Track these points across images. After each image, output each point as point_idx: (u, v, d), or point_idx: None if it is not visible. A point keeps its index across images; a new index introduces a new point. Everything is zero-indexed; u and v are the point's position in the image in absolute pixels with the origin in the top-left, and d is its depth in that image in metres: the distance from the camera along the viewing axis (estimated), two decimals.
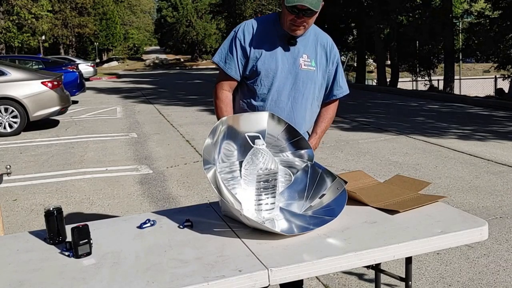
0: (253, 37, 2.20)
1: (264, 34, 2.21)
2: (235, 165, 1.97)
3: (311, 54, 2.25)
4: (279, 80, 2.21)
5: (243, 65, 2.23)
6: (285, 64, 2.21)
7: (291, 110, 2.25)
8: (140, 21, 64.76)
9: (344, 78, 2.41)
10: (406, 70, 24.74)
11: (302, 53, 2.22)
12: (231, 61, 2.23)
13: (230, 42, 2.24)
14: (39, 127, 9.50)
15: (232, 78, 2.25)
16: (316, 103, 2.34)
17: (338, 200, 1.85)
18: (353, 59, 32.45)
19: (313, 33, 2.28)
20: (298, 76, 2.23)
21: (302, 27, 2.15)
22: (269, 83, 2.21)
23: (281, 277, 1.47)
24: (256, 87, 2.23)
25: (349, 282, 3.02)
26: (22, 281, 1.45)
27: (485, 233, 1.76)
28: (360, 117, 9.97)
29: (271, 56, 2.20)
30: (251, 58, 2.20)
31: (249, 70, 2.22)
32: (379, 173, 5.43)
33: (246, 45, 2.20)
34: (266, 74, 2.20)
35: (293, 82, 2.23)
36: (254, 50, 2.20)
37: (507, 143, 7.03)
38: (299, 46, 2.23)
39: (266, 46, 2.20)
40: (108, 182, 5.52)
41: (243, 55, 2.21)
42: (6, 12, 28.84)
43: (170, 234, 1.78)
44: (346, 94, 2.40)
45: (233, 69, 2.23)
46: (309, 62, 2.23)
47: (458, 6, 25.82)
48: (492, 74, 21.99)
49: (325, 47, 2.31)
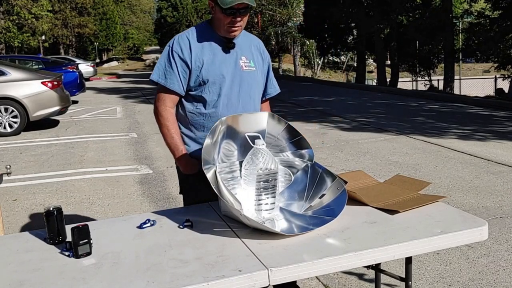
0: (191, 48, 2.17)
1: (201, 42, 2.19)
2: (235, 165, 1.97)
3: (249, 55, 2.27)
4: (226, 84, 2.19)
5: (186, 78, 2.18)
6: (229, 68, 2.20)
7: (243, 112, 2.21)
8: (140, 21, 64.74)
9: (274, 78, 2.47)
10: (406, 70, 24.75)
11: (240, 55, 2.24)
12: (172, 75, 2.16)
13: (167, 57, 2.19)
14: (39, 127, 9.50)
15: (175, 93, 2.19)
16: (259, 102, 2.37)
17: (338, 200, 1.85)
18: (353, 59, 32.48)
19: (243, 36, 2.29)
20: (243, 78, 2.23)
21: (240, 28, 2.16)
22: (218, 89, 2.18)
23: (281, 277, 1.47)
24: (205, 95, 2.19)
25: (349, 282, 3.02)
26: (22, 281, 1.45)
27: (485, 233, 1.76)
28: (360, 117, 9.97)
29: (213, 63, 2.17)
30: (193, 68, 2.16)
31: (194, 80, 2.18)
32: (379, 173, 5.43)
33: (185, 56, 2.16)
34: (213, 81, 2.17)
35: (239, 84, 2.22)
36: (195, 60, 2.16)
37: (507, 143, 7.03)
38: (236, 49, 2.23)
39: (207, 54, 2.17)
40: (108, 182, 5.52)
41: (184, 67, 2.17)
42: (6, 12, 28.85)
43: (170, 234, 1.78)
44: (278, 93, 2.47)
45: (175, 83, 2.17)
46: (248, 63, 2.25)
47: (458, 6, 25.80)
48: (492, 74, 21.99)
49: (258, 48, 2.35)
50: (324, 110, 11.37)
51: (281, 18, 32.72)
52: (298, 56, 33.32)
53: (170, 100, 2.20)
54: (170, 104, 2.21)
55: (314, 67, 36.86)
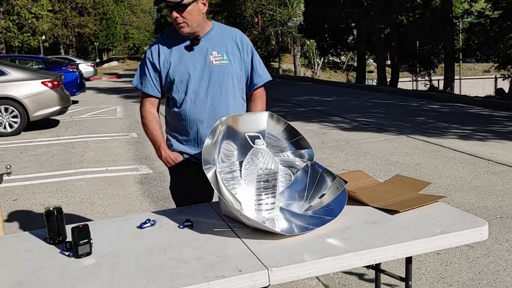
0: (159, 52, 2.30)
1: (169, 45, 2.31)
2: (235, 165, 1.97)
3: (221, 49, 2.32)
4: (193, 81, 2.28)
5: (158, 80, 2.33)
6: (197, 65, 2.28)
7: (212, 106, 2.29)
8: (140, 21, 64.69)
9: (263, 66, 2.45)
10: (406, 70, 24.75)
11: (211, 51, 2.30)
12: (145, 80, 2.34)
13: (142, 63, 2.37)
14: (39, 127, 9.50)
15: (151, 96, 2.36)
16: (239, 94, 2.38)
17: (338, 200, 1.85)
18: (353, 59, 32.48)
19: (218, 30, 2.36)
20: (212, 73, 2.29)
21: (184, 24, 2.22)
22: (184, 87, 2.29)
23: (281, 277, 1.47)
24: (175, 94, 2.31)
25: (349, 282, 3.02)
26: (22, 281, 1.45)
27: (485, 233, 1.76)
28: (360, 117, 9.97)
29: (180, 62, 2.28)
30: (162, 71, 2.30)
31: (164, 82, 2.33)
32: (379, 173, 5.43)
33: (155, 61, 2.31)
34: (179, 80, 2.28)
35: (208, 79, 2.29)
36: (164, 62, 2.30)
37: (507, 143, 7.03)
38: (206, 45, 2.30)
39: (173, 55, 2.30)
40: (108, 182, 5.52)
41: (154, 70, 2.32)
42: (6, 12, 28.85)
43: (170, 234, 1.78)
44: (268, 81, 2.44)
45: (149, 87, 2.34)
46: (220, 56, 2.30)
47: (458, 6, 25.79)
48: (492, 74, 22.00)
49: (234, 39, 2.36)
50: (324, 110, 11.37)
51: (281, 18, 32.72)
52: (298, 56, 33.32)
53: (148, 102, 2.38)
54: (149, 106, 2.39)
55: (314, 67, 36.87)
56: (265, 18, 34.30)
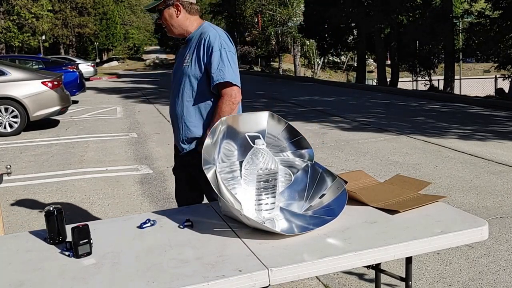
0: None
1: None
2: (235, 165, 1.97)
3: (190, 51, 2.40)
4: (173, 82, 2.49)
5: None
6: (179, 66, 2.46)
7: (172, 106, 2.47)
8: (140, 21, 64.75)
9: (224, 67, 2.29)
10: (406, 70, 24.73)
11: (187, 53, 2.41)
12: None
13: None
14: (39, 127, 9.49)
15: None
16: (197, 96, 2.38)
17: (338, 200, 1.85)
18: (353, 59, 32.46)
19: (199, 32, 2.42)
20: (179, 74, 2.45)
21: (166, 28, 2.44)
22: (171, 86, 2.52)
23: (281, 277, 1.47)
24: None
25: (349, 282, 3.02)
26: (22, 281, 1.45)
27: (485, 233, 1.76)
28: (360, 117, 9.97)
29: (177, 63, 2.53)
30: None
31: None
32: (379, 173, 5.43)
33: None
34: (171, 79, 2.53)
35: (175, 80, 2.48)
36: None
37: (507, 143, 7.03)
38: (187, 46, 2.44)
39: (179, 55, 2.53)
40: (108, 182, 5.52)
41: None
42: (7, 12, 28.87)
43: (170, 234, 1.78)
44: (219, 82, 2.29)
45: None
46: (187, 58, 2.40)
47: (458, 6, 25.78)
48: (492, 74, 22.00)
49: (203, 39, 2.37)
50: (324, 110, 11.36)
51: (281, 18, 32.73)
52: (298, 56, 33.33)
53: None
54: None
55: (314, 67, 36.87)
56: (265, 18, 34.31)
